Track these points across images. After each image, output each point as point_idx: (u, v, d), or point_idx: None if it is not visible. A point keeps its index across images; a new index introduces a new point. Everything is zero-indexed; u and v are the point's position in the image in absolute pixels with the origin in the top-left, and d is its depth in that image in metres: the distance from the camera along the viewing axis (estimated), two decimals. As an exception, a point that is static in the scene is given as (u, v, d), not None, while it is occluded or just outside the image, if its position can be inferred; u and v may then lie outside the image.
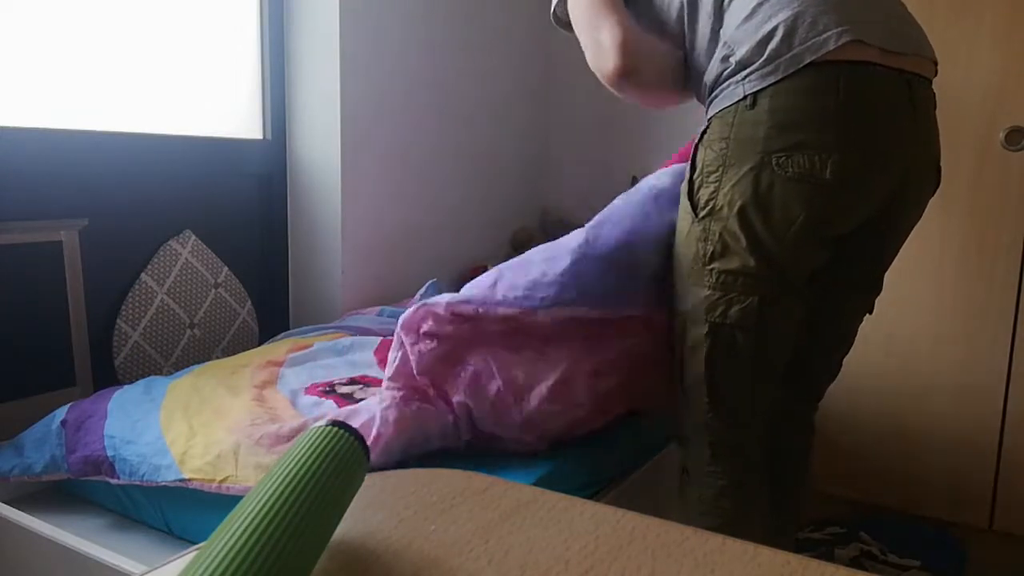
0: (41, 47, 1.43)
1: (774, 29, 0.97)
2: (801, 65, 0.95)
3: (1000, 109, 1.67)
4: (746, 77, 0.98)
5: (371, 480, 0.58)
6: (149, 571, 0.47)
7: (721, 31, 1.03)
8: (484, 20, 2.29)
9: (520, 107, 2.50)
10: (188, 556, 0.48)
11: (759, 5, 0.99)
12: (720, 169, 1.00)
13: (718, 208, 1.01)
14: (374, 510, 0.54)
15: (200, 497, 1.11)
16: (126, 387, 1.35)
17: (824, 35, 0.95)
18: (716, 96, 1.03)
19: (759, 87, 0.97)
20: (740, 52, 0.99)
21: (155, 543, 1.14)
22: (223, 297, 1.73)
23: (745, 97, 0.98)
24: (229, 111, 1.82)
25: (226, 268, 1.75)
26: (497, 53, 2.37)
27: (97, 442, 1.18)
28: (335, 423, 0.51)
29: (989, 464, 1.76)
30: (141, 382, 1.37)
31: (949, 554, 1.77)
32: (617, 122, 2.48)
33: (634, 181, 1.52)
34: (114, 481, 1.15)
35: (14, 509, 1.11)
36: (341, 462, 0.48)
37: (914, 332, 1.81)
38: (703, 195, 1.02)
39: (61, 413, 1.25)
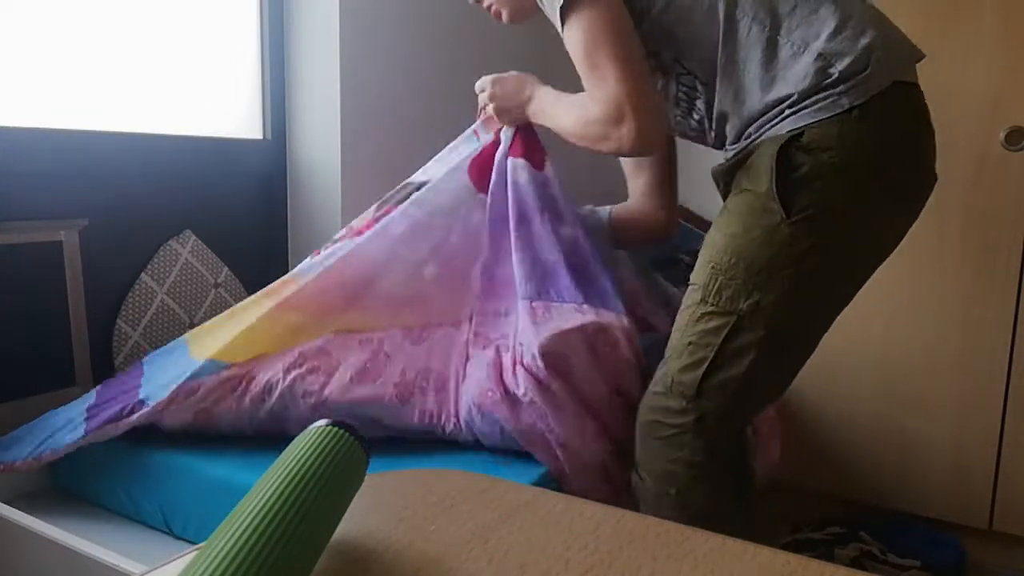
0: (41, 47, 1.43)
1: (871, 44, 1.00)
2: (892, 82, 1.00)
3: (1000, 109, 1.67)
4: (848, 90, 0.99)
5: (371, 480, 0.58)
6: (149, 571, 0.47)
7: (780, 39, 1.03)
8: (484, 19, 2.29)
9: (520, 107, 2.50)
10: (188, 556, 0.48)
11: (847, 19, 1.02)
12: (826, 177, 1.00)
13: (819, 213, 1.01)
14: (374, 510, 0.54)
15: (199, 496, 1.11)
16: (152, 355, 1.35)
17: (905, 55, 1.04)
18: (811, 106, 1.01)
19: (862, 100, 0.99)
20: (842, 64, 0.99)
21: (155, 543, 1.14)
22: (223, 297, 1.73)
23: (851, 109, 0.99)
24: (229, 111, 1.82)
25: (226, 268, 1.75)
26: (497, 52, 2.37)
27: (132, 391, 1.20)
28: (335, 423, 0.51)
29: (989, 464, 1.76)
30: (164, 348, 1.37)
31: (949, 554, 1.77)
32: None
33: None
34: (135, 416, 1.14)
35: (14, 509, 1.11)
36: (341, 462, 0.48)
37: (913, 331, 1.81)
38: (802, 199, 1.00)
39: (90, 397, 1.26)
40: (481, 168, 1.34)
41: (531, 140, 1.35)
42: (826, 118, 1.00)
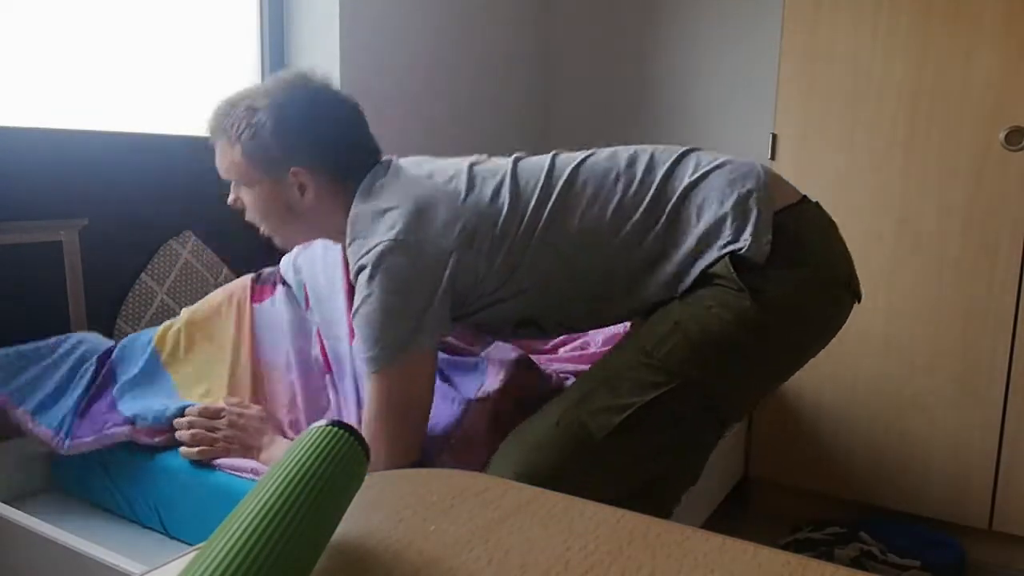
0: (41, 47, 1.43)
1: (744, 197, 1.06)
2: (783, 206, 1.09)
3: (1000, 109, 1.67)
4: (756, 237, 1.04)
5: (371, 480, 0.58)
6: (149, 571, 0.47)
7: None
8: (484, 19, 2.29)
9: (521, 105, 2.50)
10: (188, 556, 0.48)
11: (709, 195, 1.07)
12: (782, 274, 1.00)
13: (785, 307, 1.01)
14: (374, 510, 0.54)
15: (195, 497, 1.11)
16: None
17: (777, 185, 1.13)
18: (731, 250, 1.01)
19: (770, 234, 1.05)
20: (735, 226, 1.04)
21: (155, 543, 1.14)
22: (223, 297, 1.74)
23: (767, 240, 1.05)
24: (229, 111, 1.82)
25: (226, 268, 1.74)
26: (498, 51, 2.37)
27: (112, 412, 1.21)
28: (335, 423, 0.51)
29: (989, 464, 1.76)
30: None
31: (949, 554, 1.77)
32: (618, 115, 2.48)
33: None
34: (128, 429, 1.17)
35: (14, 509, 1.11)
36: (341, 462, 0.48)
37: (913, 332, 1.81)
38: (769, 290, 0.99)
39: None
40: None
41: None
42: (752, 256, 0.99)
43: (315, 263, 1.33)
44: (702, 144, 2.34)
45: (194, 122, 1.73)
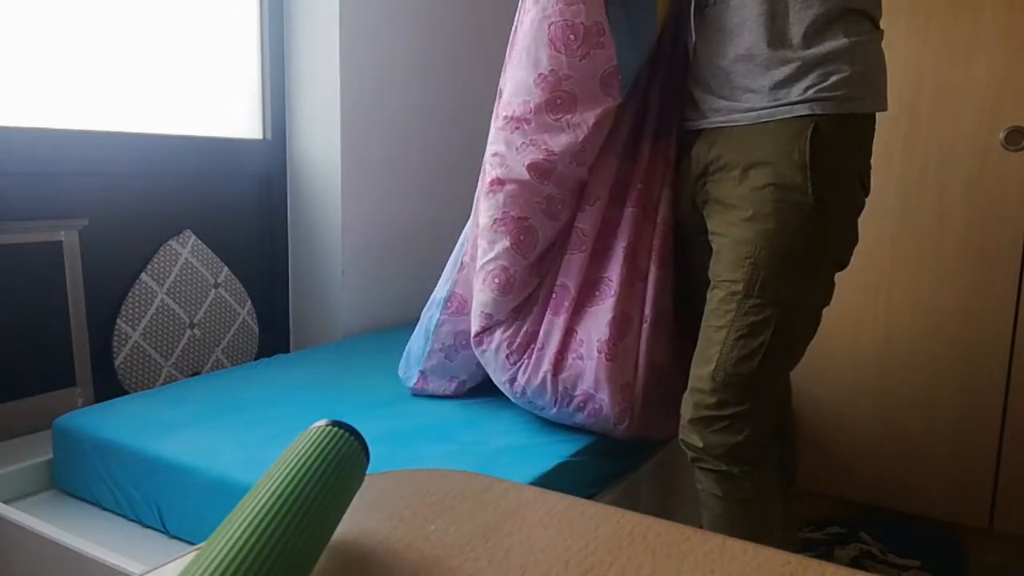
0: (41, 47, 1.43)
1: (876, 66, 1.18)
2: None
3: (1000, 109, 1.67)
4: (862, 96, 1.12)
5: (371, 480, 0.58)
6: (149, 571, 0.47)
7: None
8: (484, 19, 2.29)
9: (520, 107, 2.50)
10: (188, 556, 0.48)
11: (861, 37, 1.14)
12: (843, 173, 1.11)
13: (844, 204, 1.13)
14: (374, 510, 0.54)
15: (196, 496, 1.11)
16: None
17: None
18: (829, 95, 1.10)
19: (866, 111, 1.14)
20: (855, 68, 1.11)
21: (155, 543, 1.14)
22: (223, 297, 1.73)
23: (859, 114, 1.14)
24: (229, 111, 1.82)
25: (226, 268, 1.75)
26: (497, 51, 2.37)
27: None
28: (335, 423, 0.51)
29: (989, 464, 1.76)
30: None
31: (949, 554, 1.77)
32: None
33: None
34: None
35: (14, 509, 1.12)
36: (341, 462, 0.48)
37: (913, 332, 1.81)
38: (829, 193, 1.09)
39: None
40: None
41: None
42: (841, 114, 1.08)
43: None
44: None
45: (195, 122, 1.73)
